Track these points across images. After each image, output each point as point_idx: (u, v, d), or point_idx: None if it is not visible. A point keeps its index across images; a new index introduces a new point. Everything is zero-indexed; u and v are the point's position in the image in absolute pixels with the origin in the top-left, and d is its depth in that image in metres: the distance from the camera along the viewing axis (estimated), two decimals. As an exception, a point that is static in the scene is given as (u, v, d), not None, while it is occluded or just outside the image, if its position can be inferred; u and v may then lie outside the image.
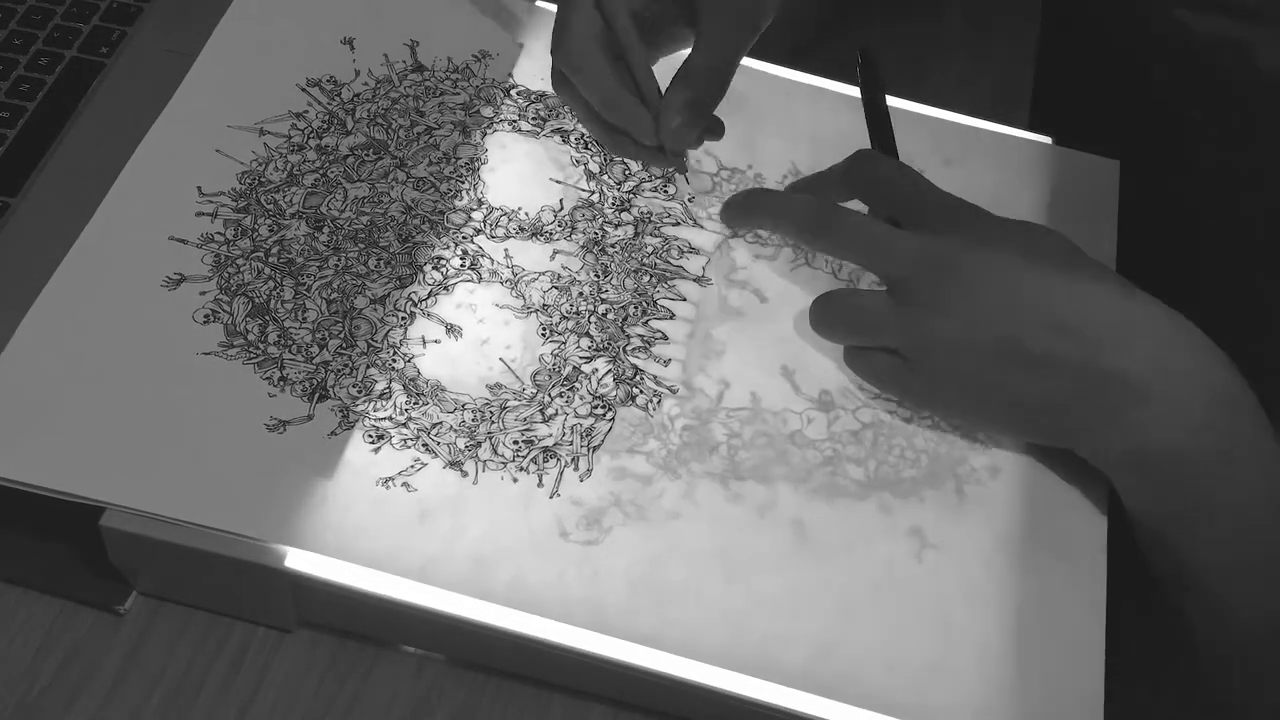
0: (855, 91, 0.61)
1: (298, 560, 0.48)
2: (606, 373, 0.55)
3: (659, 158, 0.58)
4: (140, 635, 0.50)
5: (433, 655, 0.51)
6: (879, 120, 0.59)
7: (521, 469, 0.51)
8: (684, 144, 0.57)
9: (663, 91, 0.57)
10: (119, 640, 0.50)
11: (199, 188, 0.58)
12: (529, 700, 0.50)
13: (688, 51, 0.57)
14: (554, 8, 0.55)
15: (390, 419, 0.52)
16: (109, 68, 0.65)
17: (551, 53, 0.57)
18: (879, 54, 0.59)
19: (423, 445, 0.51)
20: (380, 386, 0.53)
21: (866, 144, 0.59)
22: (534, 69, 0.65)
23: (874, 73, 0.60)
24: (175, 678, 0.49)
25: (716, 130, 0.58)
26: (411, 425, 0.52)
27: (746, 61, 0.68)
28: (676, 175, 0.62)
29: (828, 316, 0.56)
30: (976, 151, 0.66)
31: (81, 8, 0.67)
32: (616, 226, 0.60)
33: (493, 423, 0.53)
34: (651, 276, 0.58)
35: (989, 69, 0.51)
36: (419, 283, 0.56)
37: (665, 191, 0.61)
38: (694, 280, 0.59)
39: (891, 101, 0.55)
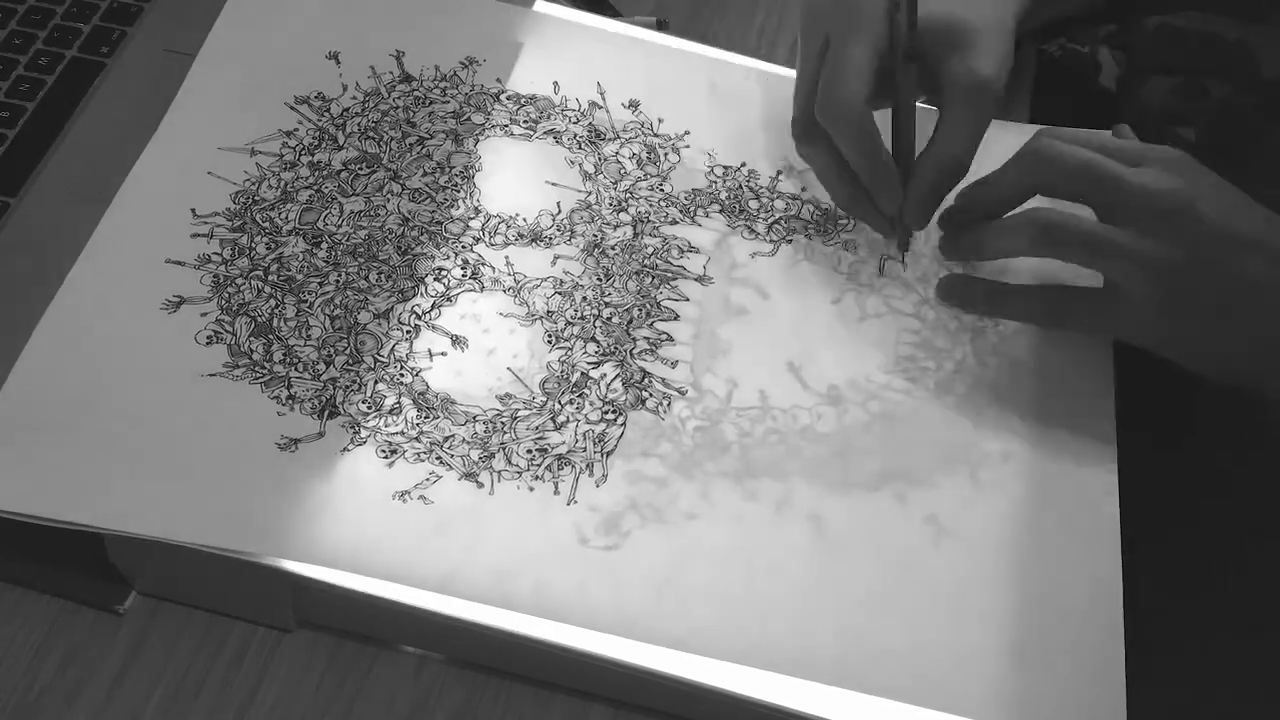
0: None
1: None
2: (615, 377, 0.55)
3: (888, 226, 0.59)
4: (140, 635, 0.50)
5: (432, 655, 0.50)
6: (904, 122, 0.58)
7: (537, 478, 0.51)
8: (921, 225, 0.58)
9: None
10: (119, 640, 0.50)
11: (193, 210, 0.57)
12: (529, 700, 0.50)
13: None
14: (553, 9, 0.54)
15: (402, 433, 0.52)
16: (109, 68, 0.65)
17: (820, 101, 0.55)
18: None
19: (436, 458, 0.51)
20: (390, 401, 0.53)
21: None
22: (529, 72, 0.65)
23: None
24: (175, 678, 0.49)
25: None
26: (424, 439, 0.52)
27: (741, 60, 0.68)
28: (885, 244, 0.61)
29: (1060, 232, 0.54)
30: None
31: (81, 8, 0.67)
32: (615, 228, 0.60)
33: (505, 433, 0.52)
34: (653, 278, 0.58)
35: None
36: (421, 295, 0.56)
37: (662, 188, 0.61)
38: (695, 280, 0.59)
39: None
